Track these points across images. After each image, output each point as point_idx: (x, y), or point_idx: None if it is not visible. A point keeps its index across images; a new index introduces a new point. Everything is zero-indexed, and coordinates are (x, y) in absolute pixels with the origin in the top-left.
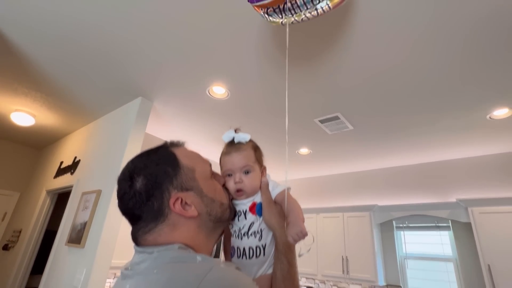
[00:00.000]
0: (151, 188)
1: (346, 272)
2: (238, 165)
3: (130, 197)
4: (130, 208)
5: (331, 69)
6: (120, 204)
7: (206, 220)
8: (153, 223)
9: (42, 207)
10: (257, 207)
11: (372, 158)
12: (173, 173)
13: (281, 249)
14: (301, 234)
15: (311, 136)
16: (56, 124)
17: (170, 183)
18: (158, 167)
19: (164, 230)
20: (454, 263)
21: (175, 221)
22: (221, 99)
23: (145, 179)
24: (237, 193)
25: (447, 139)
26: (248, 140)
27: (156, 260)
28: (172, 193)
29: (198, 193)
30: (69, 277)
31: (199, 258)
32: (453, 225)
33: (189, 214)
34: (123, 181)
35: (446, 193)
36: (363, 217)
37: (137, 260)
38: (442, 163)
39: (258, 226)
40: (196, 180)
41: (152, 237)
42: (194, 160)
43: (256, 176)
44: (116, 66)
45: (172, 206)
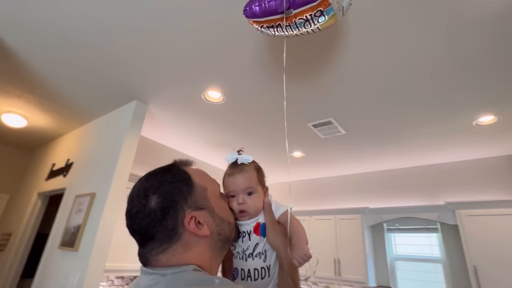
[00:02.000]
0: (167, 207)
1: (338, 273)
2: (241, 186)
3: (144, 215)
4: (144, 227)
5: (325, 76)
6: (131, 223)
7: (216, 240)
8: (167, 243)
9: (33, 210)
10: (261, 228)
11: (364, 161)
12: (187, 192)
13: (286, 270)
14: (305, 257)
15: (304, 140)
16: (48, 125)
17: (185, 202)
18: (173, 186)
19: (178, 250)
20: (442, 264)
21: (188, 241)
22: (217, 103)
23: (160, 197)
24: (240, 213)
25: (436, 144)
26: (251, 161)
27: (170, 283)
28: (186, 212)
29: (210, 212)
30: (62, 281)
31: (217, 281)
32: (442, 227)
33: (202, 233)
34: (136, 199)
35: (435, 196)
36: (355, 220)
37: (148, 283)
38: (431, 167)
39: (263, 247)
40: (208, 199)
41: (166, 257)
42: (205, 179)
43: (259, 197)
44: (111, 69)
45: (187, 225)
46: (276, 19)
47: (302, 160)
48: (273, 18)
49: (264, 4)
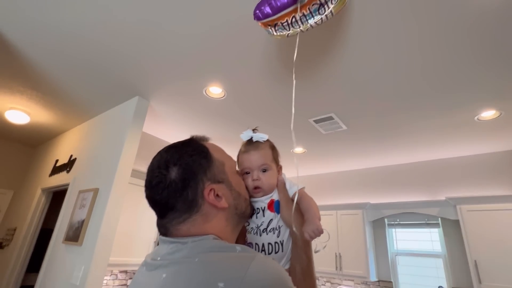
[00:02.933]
0: (187, 178)
1: (339, 268)
2: (256, 163)
3: (165, 186)
4: (164, 197)
5: (326, 71)
6: (152, 193)
7: (233, 213)
8: (187, 213)
9: (37, 205)
10: (275, 204)
11: (365, 157)
12: (206, 165)
13: (300, 245)
14: (317, 231)
15: (306, 135)
16: (51, 122)
17: (204, 174)
18: (193, 158)
19: (197, 220)
20: (443, 259)
21: (208, 212)
22: (218, 99)
23: (181, 169)
24: (254, 190)
25: (437, 139)
26: (266, 139)
27: (193, 249)
28: (206, 184)
29: (228, 186)
30: (67, 275)
31: (239, 248)
32: (443, 223)
33: (221, 205)
34: (157, 170)
35: (436, 192)
36: (356, 215)
37: (169, 251)
38: (433, 162)
39: (277, 223)
40: (226, 174)
41: (186, 227)
42: (222, 154)
43: (273, 175)
44: (113, 65)
45: (207, 196)
46: (290, 12)
47: (303, 156)
48: (287, 11)
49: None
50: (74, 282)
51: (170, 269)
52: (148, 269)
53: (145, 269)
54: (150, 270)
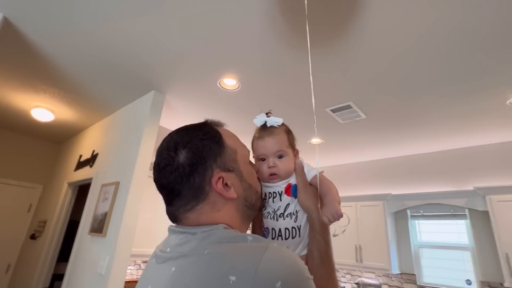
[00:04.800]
0: (196, 163)
1: (359, 260)
2: (272, 149)
3: (173, 169)
4: (171, 182)
5: (343, 57)
6: (159, 176)
7: (242, 205)
8: (194, 201)
9: (65, 199)
10: (292, 189)
11: (386, 146)
12: (217, 151)
13: (318, 230)
14: (336, 215)
15: (322, 125)
16: (74, 118)
17: (214, 161)
18: (204, 143)
19: (205, 209)
20: (470, 251)
21: (215, 201)
22: (232, 90)
23: (190, 153)
24: (270, 176)
25: (464, 126)
26: (280, 123)
27: (203, 240)
28: (215, 171)
29: (238, 176)
30: (93, 264)
31: (250, 238)
32: (470, 214)
33: (229, 196)
34: (165, 152)
35: (463, 181)
36: (377, 206)
37: (179, 242)
38: (459, 151)
39: (294, 208)
40: (237, 162)
41: (194, 215)
42: (236, 142)
43: (290, 160)
44: (129, 61)
45: (214, 185)
46: None
47: (320, 147)
48: None
49: None
50: (99, 271)
51: (179, 262)
52: (158, 261)
53: (154, 261)
54: (160, 263)
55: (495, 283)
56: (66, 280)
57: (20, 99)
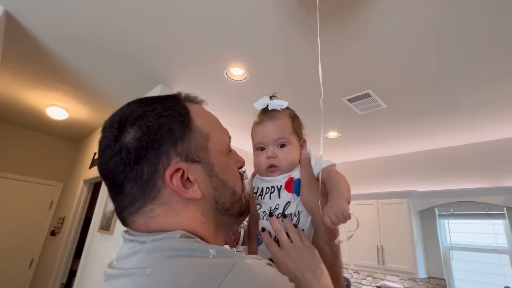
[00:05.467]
0: (145, 147)
1: (381, 262)
2: (272, 137)
3: (113, 152)
4: (112, 170)
5: (360, 39)
6: (99, 161)
7: (211, 208)
8: (141, 200)
9: (80, 196)
10: (294, 184)
11: (409, 139)
12: (179, 133)
13: (324, 236)
14: (341, 216)
15: (339, 117)
16: (87, 117)
17: (173, 146)
18: (161, 120)
19: (157, 211)
20: (510, 255)
21: (170, 201)
22: (240, 81)
23: (139, 132)
24: (269, 169)
25: (503, 116)
26: (284, 107)
27: (150, 253)
28: (172, 160)
29: (206, 169)
30: (102, 262)
31: (213, 252)
32: (509, 213)
33: (189, 195)
34: (108, 129)
35: (500, 177)
36: (400, 204)
37: (125, 253)
38: (495, 143)
39: (296, 208)
40: (208, 152)
41: (143, 220)
42: (212, 125)
43: (293, 150)
44: (136, 55)
45: (168, 179)
46: None
47: (337, 141)
48: None
49: None
50: None
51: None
52: (104, 278)
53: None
54: (104, 281)
55: None
56: (78, 277)
57: (35, 98)
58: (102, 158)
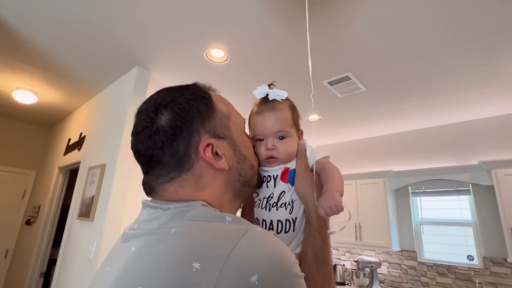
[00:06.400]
0: (180, 126)
1: (359, 239)
2: (272, 129)
3: (151, 132)
4: (149, 147)
5: (339, 24)
6: (136, 142)
7: (234, 179)
8: (176, 171)
9: (56, 184)
10: (289, 174)
11: (386, 122)
12: (206, 114)
13: (315, 224)
14: (334, 208)
15: (320, 100)
16: (59, 101)
17: (202, 125)
18: (190, 103)
19: (189, 181)
20: (473, 227)
21: (202, 172)
22: (220, 63)
23: (172, 113)
24: (267, 160)
25: (471, 98)
26: (284, 97)
27: (174, 217)
28: (203, 137)
29: (231, 145)
30: (82, 249)
31: (229, 219)
32: (474, 189)
33: (220, 166)
34: (144, 113)
35: (467, 156)
36: (377, 184)
37: (147, 218)
38: (462, 124)
39: (290, 197)
40: (230, 129)
41: (174, 188)
42: (228, 108)
43: (292, 143)
44: (108, 34)
45: (202, 152)
46: None
47: (318, 124)
48: None
49: None
50: (88, 256)
51: (141, 242)
52: (123, 239)
53: (121, 240)
54: (124, 241)
55: (498, 258)
56: (58, 265)
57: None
58: (139, 138)
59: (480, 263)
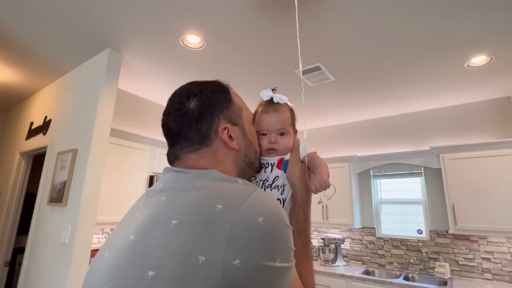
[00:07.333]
0: (205, 111)
1: (325, 218)
2: (276, 126)
3: (183, 113)
4: (179, 124)
5: (314, 16)
6: (168, 120)
7: (241, 159)
8: (199, 144)
9: (18, 170)
10: (283, 163)
11: (353, 110)
12: (225, 104)
13: (300, 203)
14: (324, 184)
15: (292, 89)
16: (18, 81)
17: (222, 112)
18: (214, 95)
19: (207, 153)
20: (423, 205)
21: (218, 148)
22: (196, 49)
23: (200, 101)
24: (269, 151)
25: (425, 90)
26: (286, 101)
27: (196, 178)
28: (221, 121)
29: (242, 131)
30: (55, 234)
31: (240, 181)
32: (425, 172)
33: (232, 146)
34: (178, 98)
35: (421, 142)
36: (343, 168)
37: (172, 179)
38: (419, 113)
39: (282, 181)
40: (242, 119)
41: (196, 157)
42: (242, 103)
43: (290, 139)
44: (78, 14)
45: (220, 133)
46: None
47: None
48: None
49: None
50: (63, 240)
51: (170, 192)
52: (148, 195)
53: (144, 197)
54: (150, 196)
55: (441, 231)
56: (28, 252)
57: None
58: (171, 116)
59: (427, 236)
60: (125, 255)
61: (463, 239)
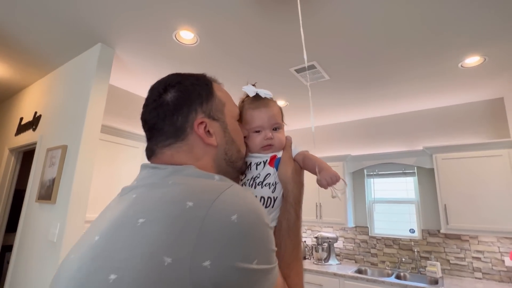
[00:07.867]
0: (181, 104)
1: (319, 217)
2: (270, 121)
3: (157, 105)
4: (153, 117)
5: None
6: (144, 112)
7: (221, 157)
8: (173, 139)
9: (7, 167)
10: (276, 160)
11: (347, 109)
12: (205, 97)
13: (291, 202)
14: (334, 178)
15: (287, 87)
16: (7, 76)
17: (200, 106)
18: (193, 87)
19: (183, 148)
20: (415, 205)
21: (193, 144)
22: (190, 45)
23: (177, 93)
24: (265, 147)
25: (419, 90)
26: (271, 95)
27: (170, 174)
28: (199, 115)
29: (222, 127)
30: (43, 232)
31: (217, 177)
32: (418, 171)
33: (209, 141)
34: (155, 89)
35: (414, 142)
36: (337, 167)
37: (146, 175)
38: (412, 114)
39: (274, 179)
40: (224, 114)
41: (170, 152)
42: (227, 97)
43: (283, 133)
44: (68, 5)
45: (196, 127)
46: None
47: (285, 110)
48: None
49: None
50: (51, 239)
51: (141, 190)
52: (122, 193)
53: (119, 195)
54: (123, 194)
55: (433, 230)
56: (16, 250)
57: None
58: (148, 109)
59: (419, 235)
60: (88, 258)
61: (455, 238)
